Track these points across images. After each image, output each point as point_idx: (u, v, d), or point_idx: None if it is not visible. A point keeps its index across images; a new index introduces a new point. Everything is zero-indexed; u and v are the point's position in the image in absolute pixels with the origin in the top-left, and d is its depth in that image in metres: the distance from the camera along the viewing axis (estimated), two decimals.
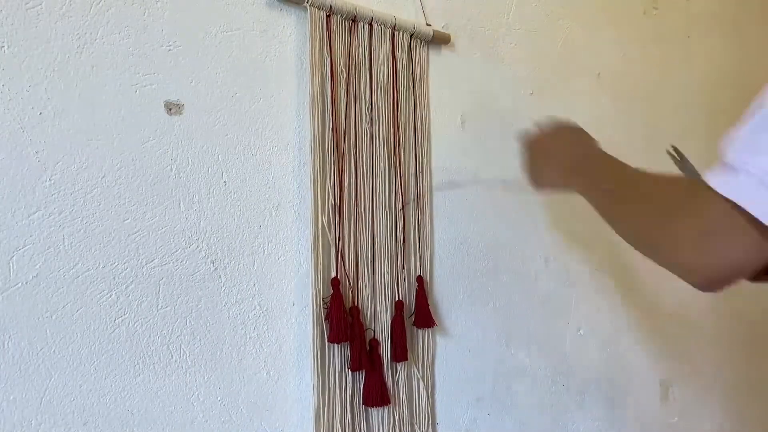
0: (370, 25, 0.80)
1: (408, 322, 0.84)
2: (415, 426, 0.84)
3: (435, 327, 0.86)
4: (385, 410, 0.81)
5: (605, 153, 0.69)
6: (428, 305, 0.84)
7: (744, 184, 0.47)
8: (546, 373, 1.04)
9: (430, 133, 0.88)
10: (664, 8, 1.24)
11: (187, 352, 0.69)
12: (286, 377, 0.76)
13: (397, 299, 0.82)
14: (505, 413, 0.98)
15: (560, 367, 1.06)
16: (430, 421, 0.86)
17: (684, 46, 1.27)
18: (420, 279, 0.84)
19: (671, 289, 1.25)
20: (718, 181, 0.49)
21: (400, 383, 0.82)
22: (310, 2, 0.74)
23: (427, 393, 0.85)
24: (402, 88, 0.83)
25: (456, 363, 0.92)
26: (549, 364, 1.04)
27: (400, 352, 0.81)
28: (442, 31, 0.89)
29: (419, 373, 0.85)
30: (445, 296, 0.90)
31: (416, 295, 0.84)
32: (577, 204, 1.09)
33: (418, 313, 0.84)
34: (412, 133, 0.85)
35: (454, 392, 0.91)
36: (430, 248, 0.87)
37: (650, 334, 1.20)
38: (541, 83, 1.04)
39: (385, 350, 0.81)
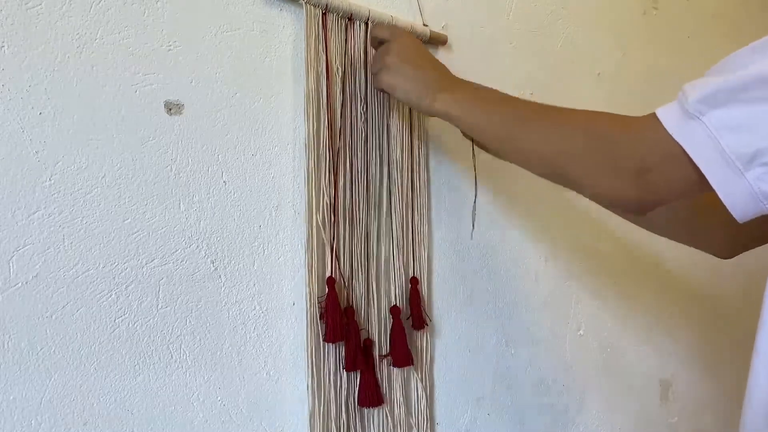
0: (367, 23, 0.80)
1: (406, 324, 0.83)
2: (413, 427, 0.84)
3: (432, 328, 0.86)
4: (382, 411, 0.80)
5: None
6: (420, 306, 0.84)
7: (695, 132, 0.47)
8: (546, 373, 1.04)
9: (426, 131, 0.88)
10: (664, 8, 1.24)
11: (187, 352, 0.69)
12: (286, 377, 0.76)
13: (393, 304, 0.81)
14: (505, 413, 0.98)
15: (560, 367, 1.06)
16: (429, 422, 0.86)
17: (684, 46, 1.27)
18: (414, 280, 0.84)
19: (672, 288, 1.25)
20: (671, 122, 0.49)
21: (397, 384, 0.82)
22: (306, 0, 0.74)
23: (426, 393, 0.85)
24: None
25: (456, 363, 0.92)
26: (549, 364, 1.04)
27: (402, 359, 0.80)
28: (439, 31, 0.89)
29: (417, 373, 0.85)
30: (444, 296, 0.90)
31: (410, 296, 0.83)
32: (576, 204, 1.09)
33: (412, 314, 0.83)
34: (408, 132, 0.85)
35: (454, 392, 0.91)
36: (427, 249, 0.86)
37: (650, 334, 1.20)
38: (541, 83, 1.04)
39: (380, 351, 0.81)
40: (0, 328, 0.59)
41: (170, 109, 0.68)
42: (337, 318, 0.74)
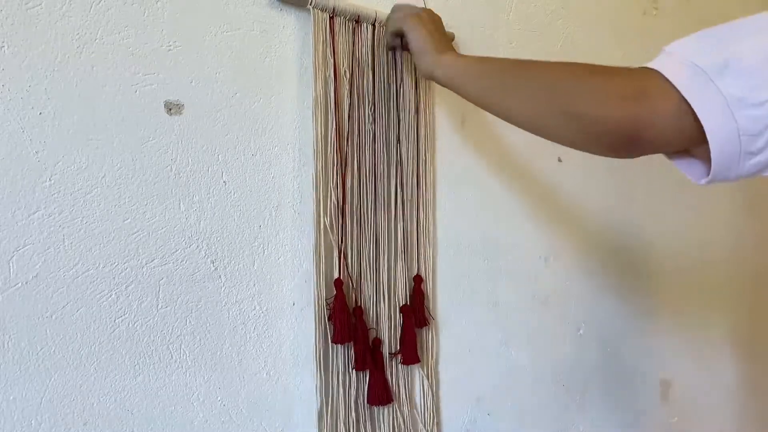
0: (373, 25, 0.80)
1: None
2: (420, 425, 0.84)
3: (437, 326, 0.86)
4: (390, 409, 0.81)
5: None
6: (423, 304, 0.84)
7: (670, 61, 0.51)
8: (546, 373, 1.04)
9: (434, 132, 0.88)
10: (664, 8, 1.24)
11: (187, 352, 0.69)
12: (286, 377, 0.76)
13: (402, 304, 0.82)
14: (505, 413, 0.98)
15: (560, 367, 1.06)
16: (435, 420, 0.86)
17: None
18: (418, 278, 0.84)
19: (672, 288, 1.25)
20: (656, 63, 0.52)
21: (403, 382, 0.82)
22: (313, 4, 0.74)
23: (432, 391, 0.86)
24: (404, 88, 0.83)
25: (456, 363, 0.92)
26: (549, 364, 1.04)
27: (411, 356, 0.81)
28: None
29: (423, 371, 0.85)
30: (446, 296, 0.90)
31: (414, 295, 0.84)
32: (577, 203, 1.09)
33: (415, 312, 0.84)
34: (414, 133, 0.85)
35: (454, 392, 0.91)
36: (433, 248, 0.87)
37: (650, 334, 1.20)
38: None
39: (389, 350, 0.81)
40: (0, 328, 0.59)
41: (170, 109, 0.68)
42: (345, 319, 0.75)
